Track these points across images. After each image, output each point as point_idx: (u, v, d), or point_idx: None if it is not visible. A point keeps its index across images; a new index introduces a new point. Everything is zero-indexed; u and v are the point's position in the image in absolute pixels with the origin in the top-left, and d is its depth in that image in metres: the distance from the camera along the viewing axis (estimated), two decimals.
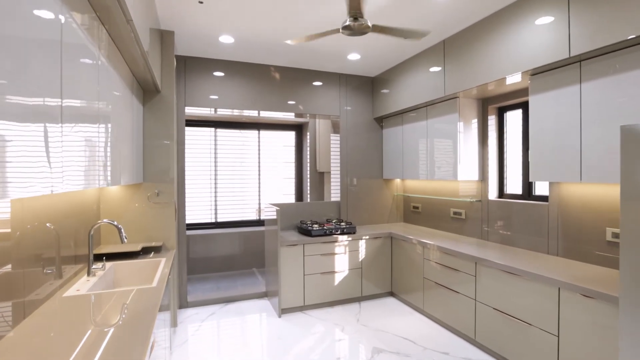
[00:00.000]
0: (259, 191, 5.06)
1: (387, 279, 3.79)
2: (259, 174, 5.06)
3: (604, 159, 2.05)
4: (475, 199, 3.31)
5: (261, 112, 4.10)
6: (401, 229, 3.94)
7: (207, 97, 3.54)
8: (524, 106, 3.00)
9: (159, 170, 2.73)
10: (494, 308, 2.54)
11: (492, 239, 3.18)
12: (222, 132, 4.86)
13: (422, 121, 3.61)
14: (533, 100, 2.49)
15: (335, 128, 4.25)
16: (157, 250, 2.63)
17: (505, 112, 3.19)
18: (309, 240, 3.41)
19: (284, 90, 3.85)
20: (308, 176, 5.12)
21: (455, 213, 3.59)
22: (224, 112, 4.49)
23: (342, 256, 3.58)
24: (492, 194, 3.23)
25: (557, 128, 2.33)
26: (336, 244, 3.54)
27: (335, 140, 4.31)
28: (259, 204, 5.06)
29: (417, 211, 4.20)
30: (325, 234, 3.54)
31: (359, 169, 4.24)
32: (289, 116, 4.95)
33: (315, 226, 3.59)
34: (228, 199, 4.87)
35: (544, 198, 2.84)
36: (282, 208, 3.91)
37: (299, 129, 5.33)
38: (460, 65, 2.95)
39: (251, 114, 4.68)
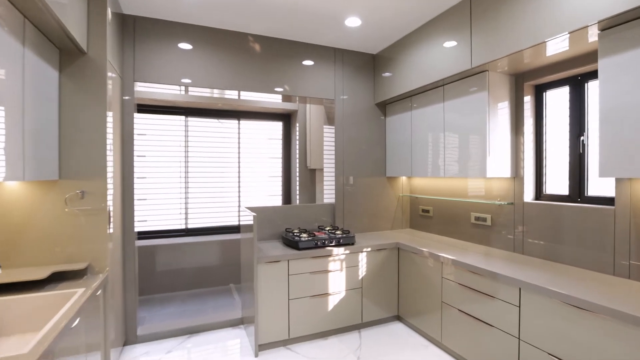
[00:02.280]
0: (239, 192, 4.30)
1: (394, 300, 3.07)
2: (239, 172, 4.31)
3: None
4: (507, 202, 2.61)
5: (241, 94, 3.36)
6: (409, 237, 3.23)
7: (168, 71, 2.79)
8: (573, 82, 2.31)
9: (84, 164, 1.97)
10: (548, 353, 1.83)
11: (529, 253, 2.48)
12: (195, 121, 4.10)
13: (438, 104, 2.89)
14: (604, 66, 1.79)
15: (330, 119, 3.53)
16: (78, 274, 1.87)
17: (545, 90, 2.50)
18: (295, 255, 2.67)
19: (267, 66, 3.12)
20: (297, 174, 4.39)
21: (477, 219, 2.89)
22: (196, 93, 3.73)
23: (338, 274, 2.85)
24: (528, 195, 2.54)
25: None
26: (330, 258, 2.82)
27: (329, 132, 3.59)
28: (239, 206, 4.30)
29: (427, 215, 3.50)
30: (316, 246, 2.81)
31: (357, 165, 3.52)
32: (274, 102, 4.21)
33: (304, 236, 2.86)
34: (202, 201, 4.11)
35: (603, 200, 2.15)
36: (262, 213, 3.17)
37: (287, 119, 4.59)
38: (495, 25, 2.24)
39: (230, 95, 3.93)
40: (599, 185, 2.21)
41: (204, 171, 4.12)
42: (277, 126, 4.55)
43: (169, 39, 2.80)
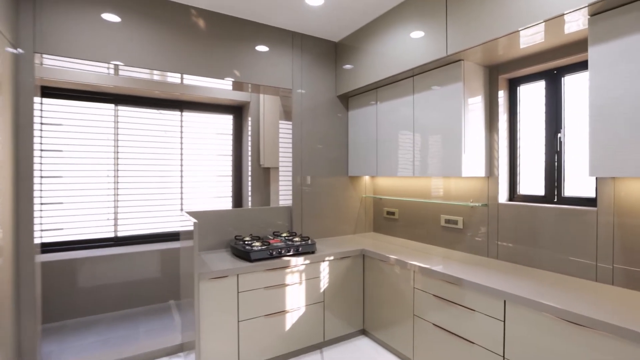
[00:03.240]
0: (181, 193, 3.76)
1: (359, 313, 2.77)
2: (182, 170, 3.76)
3: None
4: (481, 203, 2.42)
5: (185, 81, 2.86)
6: (374, 242, 2.95)
7: (85, 45, 2.22)
8: (549, 76, 2.16)
9: None
10: None
11: (504, 258, 2.31)
12: (128, 111, 3.49)
13: (407, 96, 2.65)
14: (595, 56, 1.62)
15: (287, 112, 3.15)
16: None
17: (519, 85, 2.34)
18: (246, 268, 2.25)
19: (214, 48, 2.66)
20: (249, 173, 3.95)
21: (448, 221, 2.68)
22: (131, 74, 3.15)
23: (297, 287, 2.48)
24: (503, 195, 2.37)
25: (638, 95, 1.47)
26: (288, 270, 2.44)
27: (286, 127, 3.21)
28: (182, 210, 3.75)
29: (392, 218, 3.25)
30: (271, 257, 2.41)
31: (317, 163, 3.18)
32: (223, 90, 3.73)
33: (257, 244, 2.45)
34: (137, 204, 3.51)
35: (581, 201, 2.02)
36: (207, 218, 2.70)
37: (238, 112, 4.13)
38: (474, 9, 2.02)
39: (172, 80, 3.39)
40: (575, 185, 2.08)
41: (139, 169, 3.53)
42: (227, 119, 4.07)
43: (88, 6, 2.23)
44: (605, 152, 1.59)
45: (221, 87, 3.62)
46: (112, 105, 3.40)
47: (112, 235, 3.40)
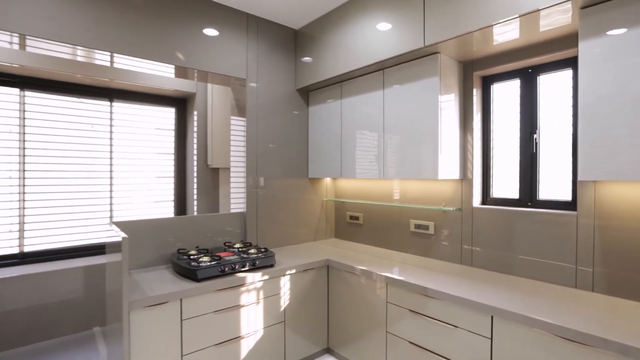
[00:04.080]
0: (111, 198, 3.18)
1: (323, 330, 2.48)
2: (111, 171, 3.18)
3: None
4: (455, 207, 2.27)
5: (116, 63, 2.36)
6: (337, 250, 2.69)
7: None
8: (524, 74, 2.07)
9: None
10: None
11: (479, 265, 2.18)
12: (39, 98, 2.85)
13: (376, 91, 2.42)
14: (586, 52, 1.51)
15: (240, 107, 2.77)
16: None
17: (493, 83, 2.24)
18: (192, 289, 1.85)
19: (153, 24, 2.20)
20: (195, 175, 3.48)
21: (418, 226, 2.51)
22: (37, 50, 2.57)
23: (254, 308, 2.12)
24: (477, 199, 2.24)
25: (637, 91, 1.38)
26: (243, 288, 2.07)
27: (238, 124, 2.83)
28: (111, 217, 3.17)
29: (356, 223, 3.02)
30: (223, 273, 2.03)
31: (273, 164, 2.84)
32: (164, 77, 3.23)
33: (205, 259, 2.05)
34: (51, 211, 2.87)
35: (556, 204, 1.94)
36: (142, 228, 2.23)
37: (182, 104, 3.63)
38: None
39: (100, 61, 2.84)
40: (549, 188, 2.01)
41: (54, 169, 2.90)
42: (168, 113, 3.55)
43: None
44: (597, 154, 1.48)
45: (161, 73, 3.12)
46: (16, 90, 2.74)
47: (15, 251, 2.73)
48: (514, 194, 2.14)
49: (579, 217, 1.77)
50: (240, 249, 2.35)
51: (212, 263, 2.02)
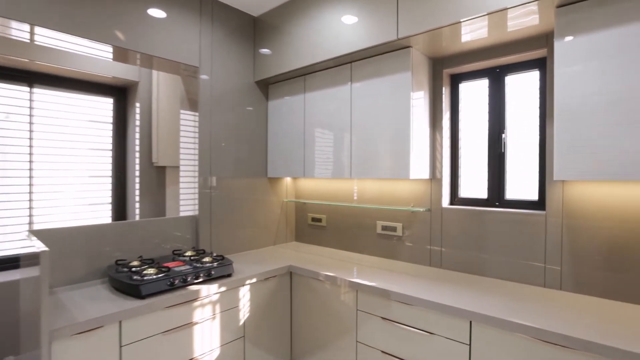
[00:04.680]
0: (30, 201, 2.68)
1: (285, 341, 2.28)
2: (31, 169, 2.69)
3: None
4: (424, 208, 2.20)
5: (37, 38, 1.96)
6: (299, 255, 2.50)
7: None
8: (492, 74, 2.07)
9: None
10: None
11: (449, 267, 2.13)
12: None
13: (343, 85, 2.29)
14: (561, 50, 1.50)
15: (191, 100, 2.47)
16: None
17: (461, 82, 2.21)
18: (135, 309, 1.56)
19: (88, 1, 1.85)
20: (137, 174, 3.08)
21: (385, 228, 2.41)
22: None
23: (210, 324, 1.86)
24: (445, 199, 2.20)
25: (613, 92, 1.38)
26: (197, 303, 1.81)
27: (189, 118, 2.53)
28: (30, 224, 2.68)
29: (319, 225, 2.86)
30: (172, 287, 1.75)
31: (229, 162, 2.58)
32: (100, 61, 2.80)
33: (150, 272, 1.75)
34: None
35: (524, 204, 1.95)
36: (69, 237, 1.87)
37: (122, 94, 3.20)
38: None
39: (17, 36, 2.37)
40: (516, 187, 2.01)
41: None
42: (105, 103, 3.11)
43: None
44: (573, 154, 1.47)
45: (97, 55, 2.70)
46: None
47: None
48: (482, 193, 2.12)
49: (547, 217, 1.78)
50: (192, 258, 2.07)
51: (159, 275, 1.73)
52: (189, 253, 2.17)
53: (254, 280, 2.07)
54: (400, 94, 1.99)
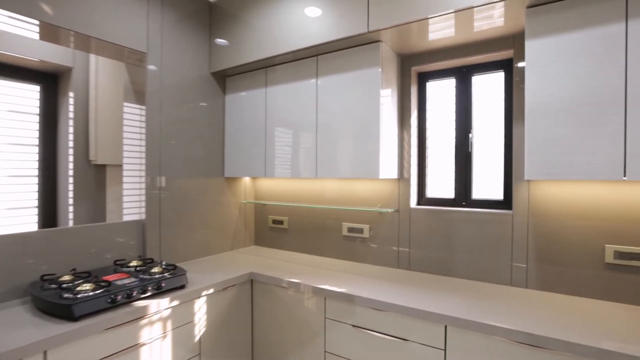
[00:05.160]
0: None
1: (247, 355, 2.10)
2: None
3: None
4: (392, 209, 2.14)
5: None
6: (260, 260, 2.33)
7: None
8: (458, 74, 2.06)
9: None
10: None
11: (417, 268, 2.09)
12: None
13: (309, 80, 2.16)
14: (531, 50, 1.50)
15: (138, 92, 2.19)
16: None
17: (428, 80, 2.19)
18: (64, 335, 1.29)
19: None
20: (71, 174, 2.69)
21: (351, 230, 2.32)
22: None
23: (159, 344, 1.63)
24: (413, 199, 2.16)
25: (580, 92, 1.40)
26: (145, 321, 1.57)
27: (134, 112, 2.24)
28: None
29: (280, 228, 2.70)
30: (113, 305, 1.50)
31: (181, 161, 2.34)
32: (25, 40, 2.40)
33: (86, 287, 1.48)
34: None
35: (490, 204, 1.96)
36: None
37: (52, 81, 2.79)
38: None
39: None
40: (481, 187, 2.03)
41: None
42: (31, 91, 2.68)
43: None
44: (543, 154, 1.48)
45: (19, 33, 2.31)
46: None
47: None
48: (449, 193, 2.11)
49: (514, 216, 1.80)
50: (138, 269, 1.82)
51: (97, 292, 1.47)
52: (134, 263, 1.90)
53: (211, 290, 1.87)
54: (369, 90, 1.91)
